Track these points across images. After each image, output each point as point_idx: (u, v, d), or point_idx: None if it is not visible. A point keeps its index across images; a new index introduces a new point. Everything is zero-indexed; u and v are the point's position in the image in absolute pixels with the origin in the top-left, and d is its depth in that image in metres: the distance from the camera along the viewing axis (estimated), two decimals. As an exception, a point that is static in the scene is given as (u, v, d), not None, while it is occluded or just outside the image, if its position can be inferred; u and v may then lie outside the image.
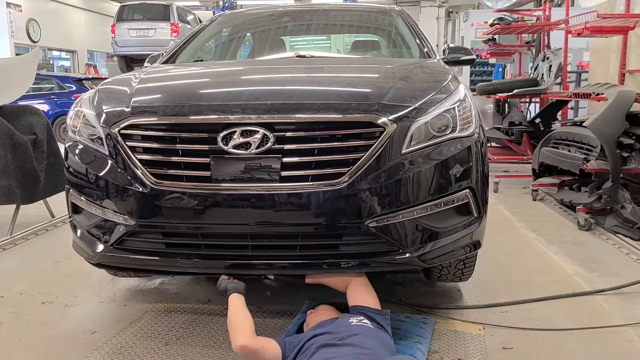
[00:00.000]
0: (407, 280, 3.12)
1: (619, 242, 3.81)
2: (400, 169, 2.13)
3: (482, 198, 2.35)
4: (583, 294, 2.94)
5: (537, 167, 5.35)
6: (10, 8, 16.36)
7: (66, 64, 20.18)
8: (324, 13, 4.20)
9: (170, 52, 3.53)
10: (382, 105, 2.18)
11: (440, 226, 2.25)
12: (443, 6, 19.41)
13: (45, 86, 11.61)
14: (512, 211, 4.84)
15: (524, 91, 6.65)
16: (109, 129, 2.24)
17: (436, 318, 2.63)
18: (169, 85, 2.76)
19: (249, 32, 4.29)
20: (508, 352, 2.34)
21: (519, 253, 3.69)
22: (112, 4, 21.44)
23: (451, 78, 2.54)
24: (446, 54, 3.37)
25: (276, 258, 2.20)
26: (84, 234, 2.42)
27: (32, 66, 4.97)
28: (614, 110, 4.26)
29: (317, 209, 2.09)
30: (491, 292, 2.96)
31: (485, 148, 2.42)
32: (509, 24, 7.42)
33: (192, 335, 2.49)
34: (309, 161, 2.10)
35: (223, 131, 2.12)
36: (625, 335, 2.49)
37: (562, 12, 6.93)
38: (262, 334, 2.48)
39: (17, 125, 4.18)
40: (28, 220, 4.51)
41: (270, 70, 3.00)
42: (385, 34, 3.98)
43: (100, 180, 2.26)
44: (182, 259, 2.22)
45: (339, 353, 1.85)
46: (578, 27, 5.72)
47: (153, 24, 14.61)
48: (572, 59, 8.96)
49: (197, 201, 2.11)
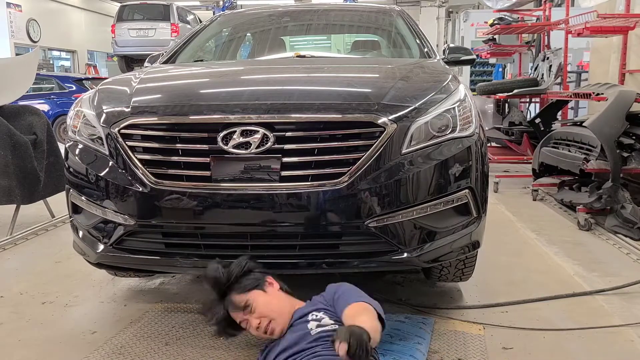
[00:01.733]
0: (407, 280, 3.12)
1: (619, 242, 3.81)
2: (400, 169, 2.13)
3: (482, 198, 2.35)
4: (583, 294, 2.94)
5: (537, 167, 5.35)
6: (11, 8, 16.36)
7: (66, 64, 20.18)
8: (324, 13, 4.20)
9: (170, 52, 3.53)
10: (382, 105, 2.18)
11: (440, 226, 2.25)
12: (443, 6, 19.41)
13: (45, 86, 11.61)
14: (512, 211, 4.84)
15: (524, 91, 6.65)
16: (109, 128, 2.24)
17: (436, 318, 2.62)
18: (169, 85, 2.76)
19: (249, 32, 4.29)
20: (508, 352, 2.34)
21: (519, 253, 3.68)
22: (112, 4, 21.44)
23: (451, 78, 2.54)
24: (446, 54, 3.36)
25: (275, 258, 2.20)
26: (84, 234, 2.42)
27: (32, 66, 4.97)
28: (614, 110, 4.26)
29: (317, 209, 2.09)
30: (491, 292, 2.96)
31: (485, 148, 2.42)
32: (509, 24, 7.42)
33: (192, 335, 2.49)
34: (309, 161, 2.10)
35: (223, 131, 2.12)
36: (626, 335, 2.49)
37: (562, 12, 6.93)
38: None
39: (17, 125, 4.18)
40: (28, 220, 4.51)
41: (270, 70, 3.00)
42: (385, 34, 3.98)
43: (100, 180, 2.26)
44: (181, 258, 2.22)
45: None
46: (578, 27, 5.72)
47: (153, 24, 14.61)
48: (572, 59, 8.95)
49: (197, 201, 2.11)
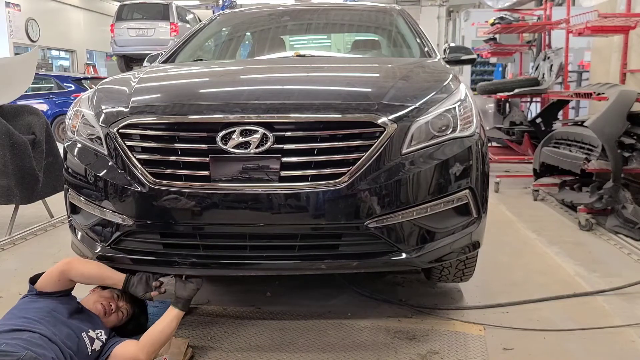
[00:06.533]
0: (407, 280, 3.11)
1: (620, 243, 3.80)
2: (401, 169, 2.11)
3: (482, 198, 2.34)
4: (584, 295, 2.93)
5: (538, 167, 5.34)
6: (9, 7, 16.34)
7: (65, 63, 20.16)
8: (324, 12, 4.19)
9: (170, 52, 3.52)
10: (382, 105, 2.17)
11: (440, 226, 2.24)
12: (444, 5, 19.42)
13: (44, 86, 11.58)
14: (513, 211, 4.83)
15: (524, 91, 6.63)
16: (108, 128, 2.23)
17: (437, 319, 2.62)
18: (168, 85, 2.74)
19: (248, 32, 4.28)
20: (509, 353, 2.33)
21: (519, 253, 3.67)
22: (111, 3, 21.43)
23: (452, 78, 2.53)
24: (447, 54, 3.35)
25: (275, 258, 2.19)
26: (83, 234, 2.40)
27: (31, 66, 4.96)
28: (615, 110, 4.25)
29: (317, 209, 2.08)
30: (492, 292, 2.95)
31: (486, 148, 2.41)
32: (509, 23, 7.41)
33: (191, 335, 2.48)
34: (309, 161, 2.09)
35: (222, 131, 2.10)
36: (626, 336, 2.48)
37: (563, 12, 6.93)
38: (262, 335, 2.49)
39: (16, 125, 4.16)
40: (27, 220, 4.49)
41: (270, 70, 2.99)
42: (385, 33, 3.96)
43: (99, 180, 2.25)
44: (179, 259, 2.21)
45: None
46: (579, 27, 5.71)
47: (152, 24, 14.57)
48: (573, 58, 8.92)
49: (196, 201, 2.10)
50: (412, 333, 2.48)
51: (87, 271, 2.23)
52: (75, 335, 2.03)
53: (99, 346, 2.09)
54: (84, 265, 2.24)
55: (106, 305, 2.26)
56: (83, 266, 2.24)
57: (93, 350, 2.06)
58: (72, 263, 2.21)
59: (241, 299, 2.87)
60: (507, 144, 6.89)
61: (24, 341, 1.85)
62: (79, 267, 2.22)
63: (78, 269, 2.21)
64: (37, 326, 1.95)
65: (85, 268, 2.24)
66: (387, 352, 2.32)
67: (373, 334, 2.48)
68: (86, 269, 2.24)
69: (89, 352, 2.04)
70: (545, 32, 7.33)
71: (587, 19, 5.55)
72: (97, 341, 2.09)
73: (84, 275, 2.23)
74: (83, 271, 2.22)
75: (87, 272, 2.24)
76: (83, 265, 2.24)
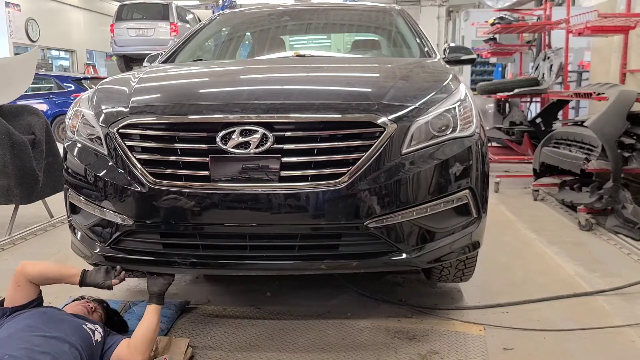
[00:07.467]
0: (407, 280, 3.11)
1: (620, 243, 3.80)
2: (400, 169, 2.11)
3: (482, 198, 2.33)
4: (584, 295, 2.93)
5: (538, 167, 5.34)
6: (9, 7, 16.34)
7: (65, 63, 20.16)
8: (324, 12, 4.18)
9: (170, 52, 3.51)
10: (382, 105, 2.17)
11: (440, 226, 2.24)
12: (443, 5, 19.42)
13: (44, 86, 11.58)
14: (513, 211, 4.83)
15: (524, 91, 6.63)
16: (108, 128, 2.23)
17: (437, 319, 2.62)
18: (168, 85, 2.74)
19: (248, 32, 4.27)
20: (509, 353, 2.33)
21: (519, 253, 3.67)
22: (111, 3, 21.43)
23: (452, 78, 2.52)
24: (447, 54, 3.35)
25: (274, 258, 2.19)
26: (82, 234, 2.41)
27: (31, 66, 4.95)
28: (615, 110, 4.25)
29: (316, 209, 2.08)
30: (492, 292, 2.95)
31: (486, 148, 2.41)
32: (509, 23, 7.41)
33: (191, 335, 2.48)
34: (309, 161, 2.09)
35: (222, 131, 2.10)
36: (626, 336, 2.48)
37: (562, 12, 6.93)
38: (262, 335, 2.48)
39: (16, 125, 4.16)
40: (27, 220, 4.49)
41: (269, 70, 2.99)
42: (385, 33, 3.96)
43: (99, 180, 2.25)
44: (179, 259, 2.21)
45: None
46: (579, 27, 5.71)
47: (152, 24, 14.57)
48: (573, 58, 8.92)
49: (196, 201, 2.10)
50: (412, 333, 2.48)
51: (42, 267, 2.25)
52: (77, 327, 2.06)
53: (99, 337, 2.10)
54: (37, 263, 2.27)
55: (86, 306, 2.30)
56: (37, 263, 2.27)
57: (96, 341, 2.07)
58: (25, 263, 2.24)
59: (241, 299, 2.87)
60: (507, 144, 6.89)
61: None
62: (34, 265, 2.24)
63: (34, 266, 2.23)
64: (51, 333, 1.96)
65: (39, 264, 2.26)
66: (387, 352, 2.32)
67: (373, 334, 2.48)
68: (41, 265, 2.26)
69: (93, 343, 2.05)
70: (545, 32, 7.33)
71: (587, 19, 5.55)
72: (97, 332, 2.11)
73: (41, 273, 2.23)
74: (39, 268, 2.24)
75: (43, 267, 2.26)
76: (37, 263, 2.27)
